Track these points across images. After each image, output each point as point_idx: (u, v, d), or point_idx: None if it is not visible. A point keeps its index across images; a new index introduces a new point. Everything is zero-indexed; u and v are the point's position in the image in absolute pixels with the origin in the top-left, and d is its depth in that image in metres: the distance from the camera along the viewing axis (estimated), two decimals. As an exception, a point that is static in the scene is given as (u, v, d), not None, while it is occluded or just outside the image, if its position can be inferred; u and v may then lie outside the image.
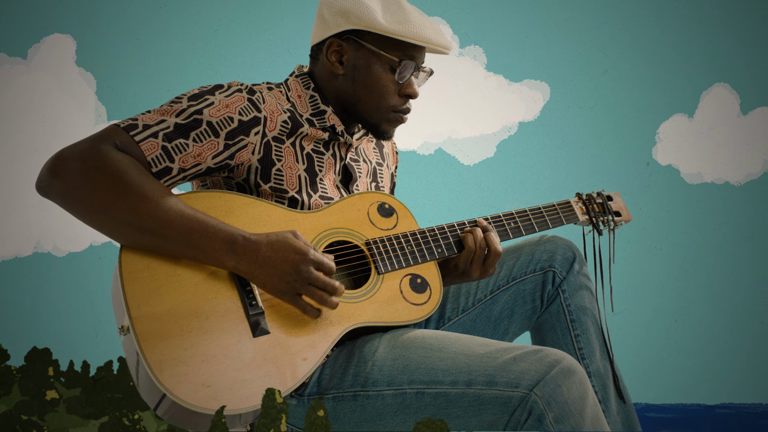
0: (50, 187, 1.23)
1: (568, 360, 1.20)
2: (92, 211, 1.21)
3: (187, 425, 1.21)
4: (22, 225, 3.92)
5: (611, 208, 1.60)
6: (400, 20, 1.40)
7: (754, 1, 3.80)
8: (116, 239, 1.25)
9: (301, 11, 3.96)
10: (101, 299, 3.59)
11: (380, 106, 1.44)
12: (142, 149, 1.26)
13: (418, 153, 4.07)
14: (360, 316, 1.32)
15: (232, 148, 1.32)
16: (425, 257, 1.39)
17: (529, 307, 1.48)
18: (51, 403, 1.62)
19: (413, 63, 1.44)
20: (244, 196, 1.33)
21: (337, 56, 1.44)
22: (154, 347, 1.14)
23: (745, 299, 3.85)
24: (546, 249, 1.47)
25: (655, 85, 3.85)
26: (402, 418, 1.25)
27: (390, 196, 1.47)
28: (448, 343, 1.27)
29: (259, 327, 1.22)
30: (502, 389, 1.19)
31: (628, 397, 1.45)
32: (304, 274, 1.22)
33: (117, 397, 1.59)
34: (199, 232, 1.20)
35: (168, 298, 1.19)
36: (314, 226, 1.34)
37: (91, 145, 1.23)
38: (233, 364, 1.18)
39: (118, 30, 3.90)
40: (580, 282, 1.46)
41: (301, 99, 1.44)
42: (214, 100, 1.32)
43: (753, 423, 3.85)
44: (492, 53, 3.99)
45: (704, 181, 3.81)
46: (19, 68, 3.87)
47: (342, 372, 1.30)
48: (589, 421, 1.17)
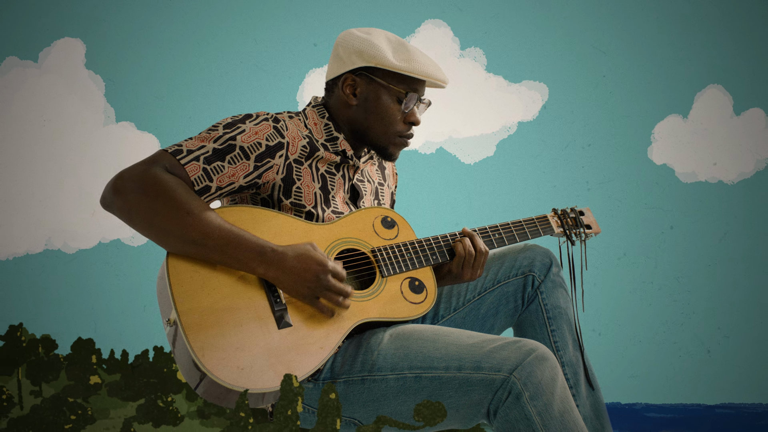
0: (113, 203, 1.52)
1: (542, 349, 1.49)
2: (147, 224, 1.50)
3: (222, 401, 1.50)
4: (34, 223, 4.11)
5: (583, 221, 1.88)
6: (406, 59, 1.70)
7: (747, 5, 4.00)
8: (165, 247, 1.53)
9: (303, 12, 4.20)
10: (120, 294, 3.87)
11: (388, 132, 1.73)
12: (186, 171, 1.55)
13: (420, 152, 4.30)
14: (367, 312, 1.61)
15: (260, 169, 1.61)
16: (422, 263, 1.68)
17: (511, 307, 1.77)
18: (94, 387, 1.89)
19: (416, 95, 1.73)
20: (268, 210, 1.62)
21: (351, 89, 1.73)
22: (197, 336, 1.43)
23: (745, 299, 4.02)
24: (526, 256, 1.77)
25: (651, 87, 4.06)
26: (403, 399, 1.54)
27: (392, 210, 1.76)
28: (441, 336, 1.56)
29: (283, 320, 1.51)
30: (487, 373, 1.48)
31: (596, 384, 1.74)
32: (323, 282, 1.52)
33: (152, 382, 1.86)
34: (234, 243, 1.50)
35: (207, 297, 1.49)
36: (328, 236, 1.63)
37: (146, 167, 1.51)
38: (261, 351, 1.47)
39: (125, 34, 4.13)
40: (556, 285, 1.75)
41: (317, 126, 1.73)
42: (245, 128, 1.61)
43: (753, 423, 4.01)
44: (492, 55, 4.21)
45: (698, 180, 4.00)
46: (31, 71, 4.11)
47: (352, 360, 1.60)
48: (559, 399, 1.46)
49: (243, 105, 4.18)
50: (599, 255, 4.00)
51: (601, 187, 4.09)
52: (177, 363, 1.51)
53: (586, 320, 2.49)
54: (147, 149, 4.21)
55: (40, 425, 1.68)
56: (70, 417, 1.69)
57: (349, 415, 1.60)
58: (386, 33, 1.75)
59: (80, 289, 3.98)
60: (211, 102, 4.13)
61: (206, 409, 1.77)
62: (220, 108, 4.13)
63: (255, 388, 1.45)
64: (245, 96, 4.17)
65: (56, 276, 4.01)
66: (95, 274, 3.99)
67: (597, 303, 4.03)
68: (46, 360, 1.90)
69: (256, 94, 4.19)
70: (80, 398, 1.87)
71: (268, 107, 4.22)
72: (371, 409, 1.57)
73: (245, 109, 4.06)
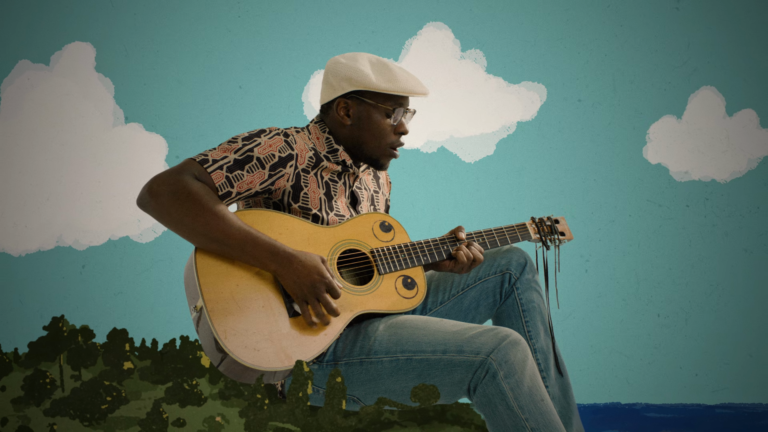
0: (148, 204, 1.85)
1: (515, 335, 1.82)
2: (178, 223, 1.83)
3: (240, 378, 1.83)
4: (46, 221, 4.32)
5: (557, 229, 2.22)
6: (389, 79, 2.03)
7: (739, 10, 4.20)
8: (193, 243, 1.86)
9: (310, 15, 4.38)
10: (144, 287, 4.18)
11: (381, 145, 2.07)
12: (212, 178, 1.88)
13: (422, 151, 4.47)
14: (366, 305, 1.95)
15: (273, 177, 1.95)
16: (414, 263, 2.03)
17: (491, 301, 2.12)
18: (127, 371, 2.17)
19: (402, 108, 2.07)
20: (279, 213, 1.96)
21: (344, 111, 2.07)
22: (220, 321, 1.78)
23: (744, 298, 4.17)
24: (504, 256, 2.11)
25: (646, 88, 4.25)
26: (395, 378, 1.88)
27: (389, 216, 2.10)
28: (429, 324, 1.90)
29: (293, 310, 1.86)
30: (467, 356, 1.82)
31: (565, 371, 2.08)
32: (317, 291, 1.85)
33: (179, 367, 2.14)
34: (251, 243, 1.84)
35: (229, 288, 1.83)
36: (332, 238, 1.98)
37: (177, 174, 1.84)
38: (274, 336, 1.81)
39: (134, 38, 4.32)
40: (529, 282, 2.10)
41: (320, 140, 2.07)
42: (261, 141, 1.95)
43: (753, 423, 4.12)
44: (492, 56, 4.39)
45: (692, 178, 4.20)
46: (43, 74, 4.31)
47: (351, 345, 1.94)
48: (528, 377, 1.80)
49: (248, 105, 4.36)
50: (599, 255, 4.20)
51: (597, 184, 4.30)
52: (201, 343, 1.86)
53: (587, 320, 2.82)
54: (155, 149, 4.40)
55: (79, 405, 1.97)
56: (106, 398, 1.99)
57: (349, 393, 1.95)
58: (369, 56, 2.08)
59: (111, 283, 4.22)
60: (217, 103, 4.34)
61: (227, 391, 2.03)
62: (227, 108, 4.33)
63: (269, 367, 1.80)
64: (251, 96, 4.38)
65: (97, 268, 4.25)
66: (118, 268, 4.25)
67: (596, 303, 4.23)
68: (84, 348, 2.16)
69: (262, 94, 4.39)
70: (115, 382, 2.12)
71: (273, 107, 4.47)
72: (368, 387, 1.91)
73: (250, 109, 4.31)
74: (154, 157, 4.43)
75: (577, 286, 4.29)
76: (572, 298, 4.26)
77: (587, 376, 4.27)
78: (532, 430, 1.74)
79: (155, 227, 4.36)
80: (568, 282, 4.04)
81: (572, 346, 4.22)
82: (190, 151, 4.15)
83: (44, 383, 2.07)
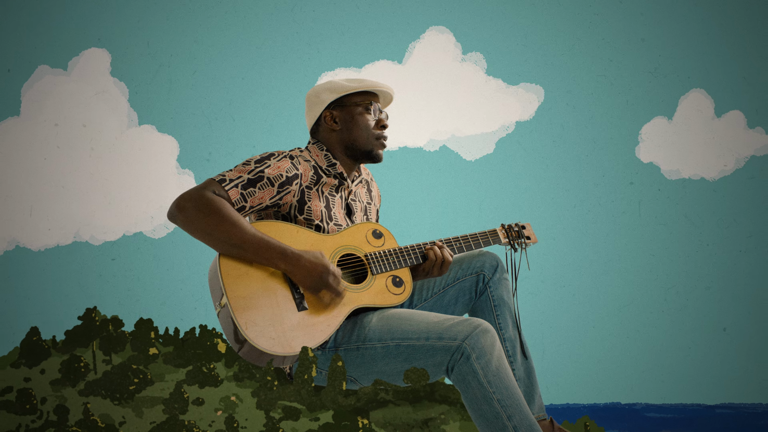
0: (177, 217, 2.31)
1: (486, 324, 2.28)
2: (203, 232, 2.29)
3: (256, 361, 2.30)
4: (64, 218, 4.73)
5: (524, 233, 2.69)
6: (357, 80, 2.53)
7: (727, 16, 4.54)
8: (216, 249, 2.33)
9: (316, 19, 4.74)
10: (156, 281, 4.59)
11: (369, 136, 2.54)
12: (229, 195, 2.34)
13: (425, 149, 4.82)
14: (361, 301, 2.42)
15: (281, 193, 2.43)
16: (402, 264, 2.50)
17: (467, 297, 2.58)
18: (152, 357, 2.47)
19: (377, 105, 2.56)
20: (288, 223, 2.43)
21: (331, 119, 2.55)
22: (242, 315, 2.25)
23: (744, 298, 4.46)
24: (479, 259, 2.57)
25: (638, 91, 4.60)
26: (386, 361, 2.34)
27: (380, 225, 2.57)
28: (415, 316, 2.37)
29: (302, 305, 2.34)
30: (446, 342, 2.26)
31: (529, 355, 2.54)
32: (325, 280, 2.33)
33: (199, 353, 2.48)
34: (265, 248, 2.31)
35: (248, 286, 2.30)
36: (332, 245, 2.46)
37: (201, 192, 2.29)
38: (286, 327, 2.29)
39: (147, 44, 4.68)
40: (500, 281, 2.56)
41: (319, 157, 2.55)
42: (270, 164, 2.42)
43: (753, 423, 4.34)
44: (492, 59, 4.74)
45: (682, 177, 4.54)
46: (61, 78, 4.70)
47: (349, 334, 2.41)
48: (496, 359, 2.25)
49: (255, 107, 4.74)
50: (597, 253, 4.52)
51: (593, 182, 4.65)
52: (223, 333, 2.35)
53: (588, 319, 3.17)
54: (167, 150, 4.76)
55: (110, 387, 2.27)
56: (134, 380, 2.28)
57: (348, 374, 2.43)
58: (339, 77, 2.58)
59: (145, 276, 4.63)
60: (226, 106, 4.70)
61: (240, 374, 2.38)
62: (235, 111, 4.70)
63: (281, 352, 2.28)
64: (258, 98, 4.74)
65: (132, 261, 4.66)
66: (140, 262, 4.65)
67: (596, 302, 4.55)
68: (114, 335, 2.45)
69: (272, 97, 4.75)
70: (142, 365, 2.38)
71: (283, 109, 4.81)
72: (364, 369, 2.41)
73: (260, 112, 4.62)
74: (166, 157, 4.78)
75: (577, 286, 4.58)
76: (572, 298, 4.56)
77: (587, 376, 4.56)
78: (498, 401, 2.21)
79: (166, 224, 4.77)
80: (568, 282, 4.45)
81: (572, 346, 4.54)
82: (200, 153, 4.55)
83: (79, 367, 2.36)
